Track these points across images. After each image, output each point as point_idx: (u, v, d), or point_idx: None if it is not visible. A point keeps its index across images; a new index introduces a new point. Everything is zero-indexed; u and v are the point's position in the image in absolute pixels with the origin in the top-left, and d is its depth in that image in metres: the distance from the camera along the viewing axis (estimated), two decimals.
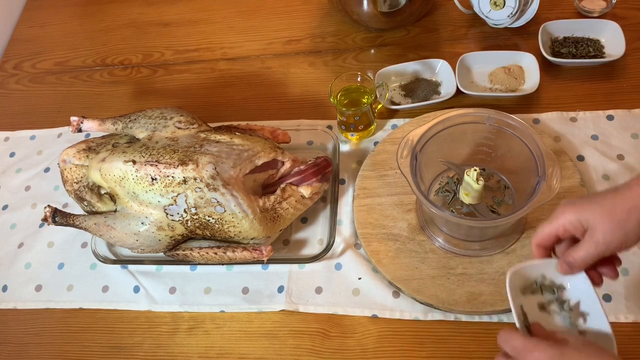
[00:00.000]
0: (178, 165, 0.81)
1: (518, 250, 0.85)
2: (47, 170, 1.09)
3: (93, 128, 0.93)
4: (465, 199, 0.85)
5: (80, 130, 0.93)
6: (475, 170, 0.81)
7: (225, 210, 0.82)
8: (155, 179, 0.81)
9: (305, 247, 0.92)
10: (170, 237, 0.86)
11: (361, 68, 1.12)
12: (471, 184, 0.81)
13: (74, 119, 0.93)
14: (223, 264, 0.90)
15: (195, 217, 0.83)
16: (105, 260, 0.93)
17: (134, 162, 0.82)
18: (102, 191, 0.89)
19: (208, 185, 0.81)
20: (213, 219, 0.83)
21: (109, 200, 0.89)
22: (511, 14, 1.05)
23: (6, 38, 1.35)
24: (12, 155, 1.13)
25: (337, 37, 1.18)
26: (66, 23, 1.34)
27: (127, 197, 0.84)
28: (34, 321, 0.94)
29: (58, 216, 0.89)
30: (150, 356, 0.88)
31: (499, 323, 0.81)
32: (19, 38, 1.34)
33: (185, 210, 0.82)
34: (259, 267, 0.91)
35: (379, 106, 1.03)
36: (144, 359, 0.88)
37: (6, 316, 0.95)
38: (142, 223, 0.84)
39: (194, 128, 0.88)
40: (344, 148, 1.01)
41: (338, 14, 1.18)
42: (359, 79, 0.98)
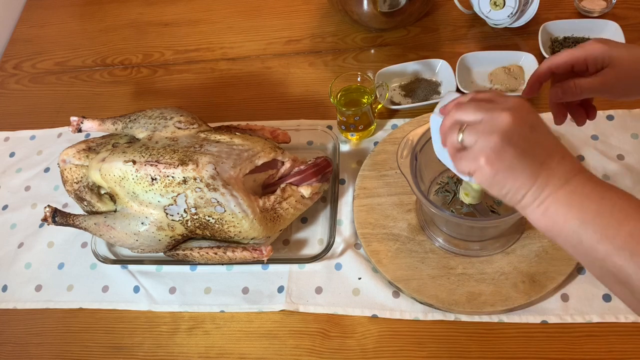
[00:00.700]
0: (178, 165, 0.81)
1: (518, 250, 0.85)
2: (47, 170, 1.09)
3: (93, 128, 0.93)
4: (465, 199, 0.85)
5: (80, 130, 0.94)
6: None
7: (225, 210, 0.82)
8: (155, 179, 0.81)
9: (305, 247, 0.92)
10: (170, 237, 0.86)
11: (361, 68, 1.12)
12: (471, 184, 0.81)
13: (74, 119, 0.94)
14: (223, 264, 0.90)
15: (195, 217, 0.83)
16: (105, 260, 0.93)
17: (134, 162, 0.82)
18: (102, 191, 0.89)
19: (208, 185, 0.81)
20: (213, 219, 0.83)
21: (109, 201, 0.89)
22: (511, 14, 1.05)
23: (6, 38, 1.35)
24: (12, 155, 1.13)
25: (337, 37, 1.18)
26: (66, 23, 1.34)
27: (127, 197, 0.84)
28: (34, 321, 0.94)
29: (58, 216, 0.89)
30: (150, 356, 0.88)
31: (499, 323, 0.81)
32: (19, 38, 1.34)
33: (185, 210, 0.82)
34: (259, 267, 0.91)
35: (379, 106, 1.02)
36: (144, 359, 0.88)
37: (6, 316, 0.95)
38: (142, 223, 0.84)
39: (194, 128, 0.88)
40: (344, 148, 1.01)
41: (338, 14, 1.18)
42: (359, 79, 0.98)
